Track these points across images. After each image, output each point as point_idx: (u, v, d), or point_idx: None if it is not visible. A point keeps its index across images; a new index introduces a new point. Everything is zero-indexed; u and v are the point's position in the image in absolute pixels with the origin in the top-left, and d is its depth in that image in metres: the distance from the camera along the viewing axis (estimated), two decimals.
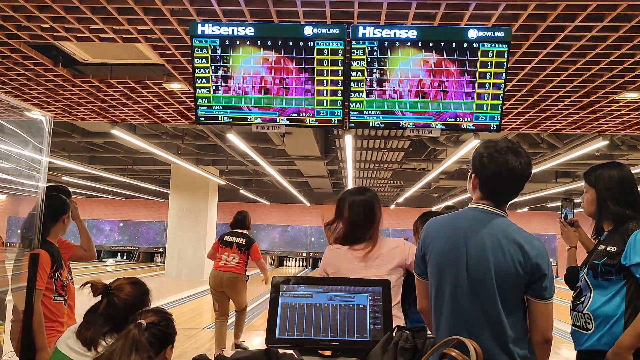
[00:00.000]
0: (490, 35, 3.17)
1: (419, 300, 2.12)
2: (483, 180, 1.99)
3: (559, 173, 13.35)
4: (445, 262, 1.96)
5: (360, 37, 3.21)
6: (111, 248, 22.40)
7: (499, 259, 1.88)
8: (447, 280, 1.94)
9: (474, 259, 1.91)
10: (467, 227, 1.96)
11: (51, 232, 3.09)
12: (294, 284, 2.06)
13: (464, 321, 1.90)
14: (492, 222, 1.95)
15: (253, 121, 3.43)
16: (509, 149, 1.95)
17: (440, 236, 2.01)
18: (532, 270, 1.87)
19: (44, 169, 2.95)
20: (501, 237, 1.91)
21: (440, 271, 1.97)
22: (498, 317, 1.87)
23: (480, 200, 2.01)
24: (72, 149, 11.38)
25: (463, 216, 2.02)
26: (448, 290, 1.94)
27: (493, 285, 1.87)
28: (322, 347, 1.95)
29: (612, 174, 2.42)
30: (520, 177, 1.95)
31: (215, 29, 3.23)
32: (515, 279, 1.87)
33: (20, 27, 3.76)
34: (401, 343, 1.85)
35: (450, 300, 1.93)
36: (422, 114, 3.37)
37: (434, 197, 19.10)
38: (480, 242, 1.92)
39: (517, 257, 1.88)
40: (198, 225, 14.92)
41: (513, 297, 1.89)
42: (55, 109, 6.07)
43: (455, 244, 1.95)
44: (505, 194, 1.99)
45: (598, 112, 5.52)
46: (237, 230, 6.44)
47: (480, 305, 1.88)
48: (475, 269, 1.90)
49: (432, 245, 2.01)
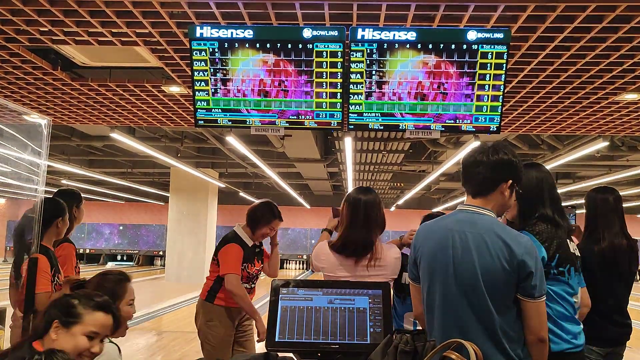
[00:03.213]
0: (489, 36, 3.16)
1: (414, 306, 2.10)
2: (461, 173, 2.06)
3: (559, 174, 13.35)
4: (434, 264, 1.96)
5: (359, 39, 3.21)
6: (111, 251, 22.39)
7: (484, 258, 1.87)
8: (437, 283, 1.94)
9: (459, 259, 1.90)
10: (452, 228, 1.97)
11: (45, 237, 3.07)
12: (293, 287, 2.05)
13: (456, 323, 1.89)
14: (477, 221, 1.95)
15: (252, 124, 3.42)
16: (483, 145, 2.02)
17: (428, 239, 2.01)
18: (519, 268, 1.86)
19: (43, 172, 2.95)
20: (486, 236, 1.90)
21: (430, 274, 1.97)
22: (490, 317, 1.86)
23: (466, 200, 2.03)
24: (71, 152, 11.38)
25: (450, 218, 2.04)
26: (438, 293, 1.93)
27: (481, 285, 1.87)
28: (322, 350, 1.94)
29: (530, 175, 2.36)
30: (483, 162, 1.97)
31: (214, 31, 3.23)
32: (503, 278, 1.86)
33: (19, 30, 3.76)
34: (401, 346, 1.84)
35: (441, 303, 1.92)
36: (421, 116, 3.36)
37: (434, 199, 19.10)
38: (465, 242, 1.91)
39: (502, 255, 1.86)
40: (198, 228, 14.91)
41: (503, 296, 1.88)
42: (54, 113, 6.06)
43: (442, 246, 1.95)
44: (472, 180, 2.00)
45: (598, 113, 5.51)
46: None
47: (470, 306, 1.88)
48: (462, 269, 1.90)
49: (421, 249, 2.01)
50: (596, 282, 3.14)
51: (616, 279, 3.13)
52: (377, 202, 2.61)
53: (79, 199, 3.61)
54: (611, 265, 3.08)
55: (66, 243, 3.38)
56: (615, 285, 3.13)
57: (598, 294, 3.15)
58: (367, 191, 2.64)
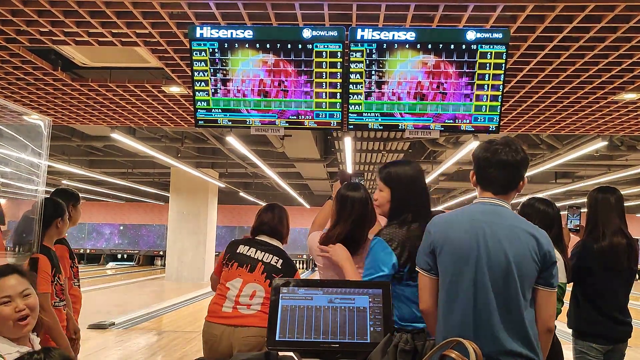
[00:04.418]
0: (488, 36, 3.17)
1: (423, 300, 2.04)
2: (478, 171, 2.04)
3: (559, 174, 13.36)
4: (461, 253, 1.94)
5: (359, 39, 3.21)
6: (111, 251, 22.40)
7: (515, 247, 1.90)
8: (465, 272, 1.92)
9: (491, 249, 1.91)
10: (479, 218, 1.97)
11: (45, 237, 3.08)
12: (294, 286, 2.06)
13: (484, 311, 1.89)
14: (502, 213, 1.98)
15: (252, 124, 3.43)
16: (500, 142, 2.01)
17: (451, 229, 1.99)
18: (544, 259, 1.91)
19: (43, 172, 2.96)
20: (514, 226, 1.94)
21: (454, 263, 1.94)
22: (518, 305, 1.88)
23: (483, 193, 2.04)
24: (71, 153, 11.39)
25: (472, 209, 2.04)
26: (466, 282, 1.91)
27: (514, 273, 1.88)
28: (322, 350, 1.94)
29: (406, 172, 2.34)
30: (510, 163, 1.97)
31: (214, 32, 3.24)
32: (532, 267, 1.90)
33: (19, 31, 3.76)
34: (401, 345, 1.86)
35: (468, 292, 1.91)
36: (420, 116, 3.37)
37: (434, 198, 19.09)
38: (495, 232, 1.93)
39: (531, 245, 1.91)
40: (198, 228, 14.92)
41: (529, 285, 1.92)
42: (54, 113, 6.07)
43: (470, 235, 1.94)
44: (498, 181, 2.00)
45: (597, 113, 5.52)
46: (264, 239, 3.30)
47: (499, 295, 1.88)
48: (494, 258, 1.90)
49: (442, 239, 1.98)
50: (596, 280, 3.16)
51: (616, 277, 3.14)
52: (365, 198, 2.56)
53: (76, 198, 3.58)
54: (611, 264, 3.10)
55: (57, 244, 3.36)
56: (615, 283, 3.15)
57: (598, 292, 3.17)
58: (356, 188, 2.60)
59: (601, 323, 3.12)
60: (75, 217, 3.57)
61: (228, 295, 3.03)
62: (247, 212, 21.82)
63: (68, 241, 3.56)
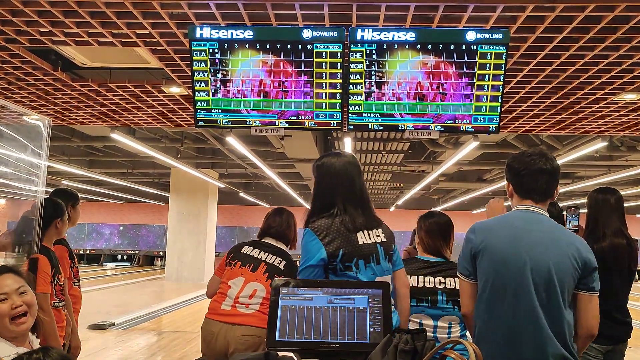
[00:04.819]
0: (488, 37, 3.17)
1: (465, 304, 2.14)
2: (514, 181, 2.11)
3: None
4: (503, 259, 2.00)
5: (359, 39, 3.22)
6: (111, 252, 22.40)
7: (557, 254, 1.96)
8: (507, 277, 1.99)
9: (534, 255, 1.97)
10: (521, 226, 2.04)
11: (45, 237, 3.08)
12: (293, 286, 2.06)
13: (526, 316, 1.94)
14: (543, 220, 2.05)
15: (252, 124, 3.43)
16: (534, 152, 2.10)
17: (492, 235, 2.06)
18: (585, 265, 1.97)
19: (43, 173, 2.96)
20: (555, 234, 2.01)
21: (496, 270, 2.01)
22: (559, 311, 1.93)
23: (522, 201, 2.10)
24: (71, 153, 11.39)
25: (513, 216, 2.10)
26: (508, 287, 1.98)
27: (554, 279, 1.94)
28: (322, 350, 1.94)
29: (332, 163, 2.26)
30: (548, 171, 2.06)
31: (214, 32, 3.24)
32: (572, 273, 1.95)
33: (20, 31, 3.76)
34: (401, 345, 1.85)
35: (510, 297, 1.97)
36: (420, 116, 3.37)
37: (434, 199, 19.09)
38: (537, 239, 1.99)
39: (571, 252, 1.96)
40: (198, 229, 14.92)
41: (569, 291, 1.97)
42: (54, 113, 6.07)
43: (512, 241, 2.01)
44: (537, 189, 2.08)
45: (597, 114, 5.52)
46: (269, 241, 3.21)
47: (540, 300, 1.94)
48: (537, 264, 1.96)
49: (483, 244, 2.05)
50: None
51: (616, 278, 3.14)
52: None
53: (75, 199, 3.57)
54: (611, 264, 3.10)
55: (56, 245, 3.36)
56: (615, 283, 3.15)
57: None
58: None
59: (601, 323, 3.12)
60: (74, 218, 3.56)
61: (229, 293, 3.02)
62: (247, 213, 21.84)
63: (68, 241, 3.56)
